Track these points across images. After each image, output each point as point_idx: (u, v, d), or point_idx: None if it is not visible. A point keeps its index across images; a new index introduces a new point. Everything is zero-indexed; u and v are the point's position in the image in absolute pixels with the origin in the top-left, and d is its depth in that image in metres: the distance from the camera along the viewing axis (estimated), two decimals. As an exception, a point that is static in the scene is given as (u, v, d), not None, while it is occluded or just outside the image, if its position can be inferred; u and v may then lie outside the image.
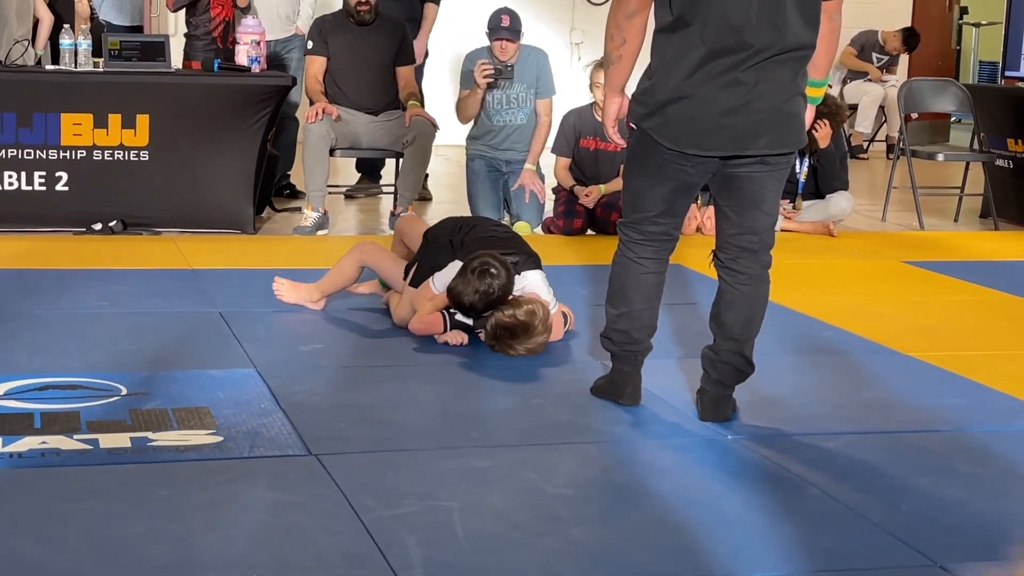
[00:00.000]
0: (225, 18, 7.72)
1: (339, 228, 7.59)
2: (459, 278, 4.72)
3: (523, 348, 4.70)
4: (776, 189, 3.97)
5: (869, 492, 3.55)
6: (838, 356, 4.99)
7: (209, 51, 7.60)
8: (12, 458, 3.53)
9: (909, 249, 7.45)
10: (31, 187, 6.87)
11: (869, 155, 12.32)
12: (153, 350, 4.65)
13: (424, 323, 4.88)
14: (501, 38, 7.38)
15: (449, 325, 4.86)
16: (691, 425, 4.06)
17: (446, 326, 4.86)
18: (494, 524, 3.23)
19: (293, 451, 3.68)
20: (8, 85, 6.82)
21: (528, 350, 4.71)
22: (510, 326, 4.69)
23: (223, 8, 7.69)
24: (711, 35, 3.75)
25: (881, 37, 12.13)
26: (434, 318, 4.86)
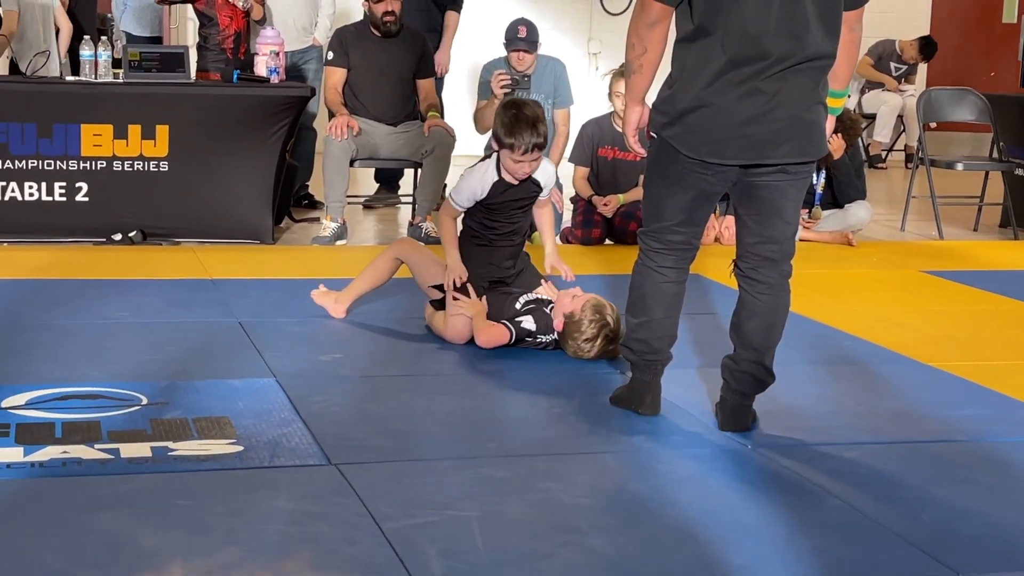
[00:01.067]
0: (236, 30, 7.75)
1: (357, 238, 7.61)
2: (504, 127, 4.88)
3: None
4: (796, 198, 3.96)
5: (889, 502, 3.54)
6: (858, 366, 4.99)
7: (219, 62, 7.64)
8: (34, 467, 3.54)
9: (928, 259, 7.43)
10: (51, 197, 6.90)
11: (888, 164, 12.31)
12: (173, 360, 4.67)
13: (489, 336, 4.91)
14: (518, 49, 7.39)
15: (515, 335, 4.88)
16: (711, 435, 4.06)
17: (511, 335, 4.88)
18: (513, 534, 3.23)
19: (313, 461, 3.69)
20: (29, 96, 6.86)
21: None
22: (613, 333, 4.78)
23: (232, 20, 7.72)
24: (731, 44, 3.75)
25: (898, 46, 12.12)
26: (499, 331, 4.89)
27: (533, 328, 4.89)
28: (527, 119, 4.88)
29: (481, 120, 7.58)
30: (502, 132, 4.91)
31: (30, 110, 6.82)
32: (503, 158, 4.97)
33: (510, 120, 4.89)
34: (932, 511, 3.49)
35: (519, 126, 4.88)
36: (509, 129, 4.89)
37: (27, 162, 6.85)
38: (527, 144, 4.88)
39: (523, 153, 4.90)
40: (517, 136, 4.87)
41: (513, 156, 4.92)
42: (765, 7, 3.73)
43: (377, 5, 7.46)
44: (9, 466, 3.54)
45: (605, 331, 4.78)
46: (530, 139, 4.88)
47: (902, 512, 3.47)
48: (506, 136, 4.89)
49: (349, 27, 7.84)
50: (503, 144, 4.92)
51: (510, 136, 4.89)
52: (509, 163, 4.96)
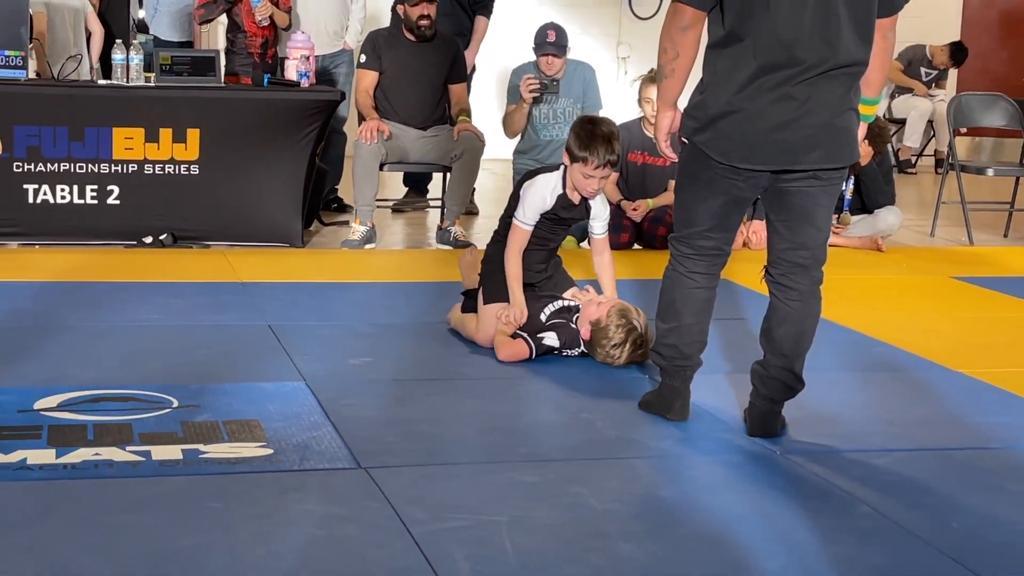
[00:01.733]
0: (264, 36, 7.80)
1: (386, 242, 7.62)
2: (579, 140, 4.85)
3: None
4: (828, 204, 3.96)
5: (919, 509, 3.53)
6: (887, 372, 4.97)
7: (246, 66, 7.68)
8: (66, 469, 3.56)
9: (958, 265, 7.40)
10: (83, 200, 6.94)
11: (917, 170, 12.26)
12: (203, 362, 4.69)
13: (510, 352, 4.90)
14: (547, 53, 7.40)
15: (535, 351, 4.87)
16: (740, 441, 4.05)
17: (531, 352, 4.88)
18: (542, 539, 3.23)
19: (343, 464, 3.70)
20: (61, 100, 6.90)
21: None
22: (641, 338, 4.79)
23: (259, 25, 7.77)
24: (763, 50, 3.75)
25: (929, 51, 12.08)
26: (519, 348, 4.89)
27: (556, 345, 4.89)
28: (603, 135, 4.84)
29: (510, 124, 7.60)
30: (576, 145, 4.85)
31: (62, 114, 6.86)
32: (572, 173, 4.92)
33: (586, 134, 4.85)
34: (962, 518, 3.48)
35: (595, 141, 4.83)
36: (584, 143, 4.84)
37: (59, 165, 6.89)
38: (601, 159, 4.84)
39: (596, 168, 4.85)
40: (592, 150, 4.83)
41: (585, 170, 4.86)
42: (798, 13, 3.73)
43: (413, 9, 7.43)
44: (41, 467, 3.56)
45: (633, 336, 4.79)
46: (605, 154, 4.83)
47: (932, 519, 3.46)
48: (580, 149, 4.84)
49: (382, 30, 7.84)
50: (576, 157, 4.86)
51: (584, 149, 4.84)
52: (579, 177, 4.90)
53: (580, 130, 4.89)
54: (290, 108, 7.07)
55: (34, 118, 6.82)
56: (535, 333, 4.90)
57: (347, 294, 5.99)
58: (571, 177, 4.95)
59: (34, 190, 6.87)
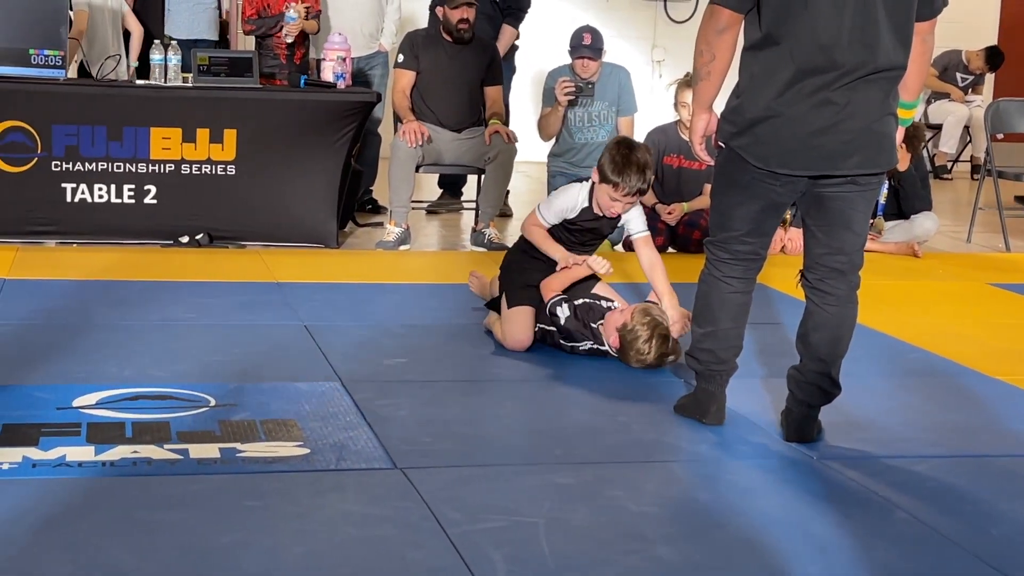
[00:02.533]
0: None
1: (420, 243, 7.64)
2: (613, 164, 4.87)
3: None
4: (866, 210, 3.94)
5: (957, 516, 3.52)
6: (924, 378, 4.95)
7: (272, 67, 7.73)
8: (104, 466, 3.58)
9: (995, 271, 7.36)
10: (120, 200, 6.98)
11: (953, 175, 12.21)
12: (240, 362, 4.71)
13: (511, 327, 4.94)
14: (583, 56, 7.40)
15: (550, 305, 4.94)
16: (776, 446, 4.04)
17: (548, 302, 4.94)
18: (579, 541, 3.23)
19: (379, 464, 3.71)
20: (99, 99, 6.94)
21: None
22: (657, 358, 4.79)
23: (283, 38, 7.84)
24: (801, 54, 3.73)
25: (965, 57, 12.02)
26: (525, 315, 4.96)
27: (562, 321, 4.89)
28: (638, 163, 4.86)
29: (545, 127, 7.60)
30: (609, 168, 4.87)
31: (101, 113, 6.90)
32: (599, 192, 4.95)
33: (622, 159, 4.86)
34: (1001, 526, 3.46)
35: (629, 168, 4.85)
36: (619, 168, 4.86)
37: (97, 164, 6.93)
38: (631, 187, 4.87)
39: (624, 194, 4.88)
40: (624, 176, 4.85)
41: (613, 193, 4.89)
42: (836, 16, 3.71)
43: (453, 12, 7.43)
44: (81, 465, 3.58)
45: (659, 329, 4.76)
46: (635, 183, 4.86)
47: (970, 526, 3.44)
48: (612, 173, 4.86)
49: (420, 31, 7.84)
50: (606, 179, 4.88)
51: (617, 175, 4.86)
52: (605, 198, 4.93)
53: (616, 154, 4.89)
54: (326, 109, 7.09)
55: (73, 117, 6.86)
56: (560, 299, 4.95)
57: (382, 295, 6.01)
58: (597, 195, 4.97)
59: (72, 189, 6.92)
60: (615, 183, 4.87)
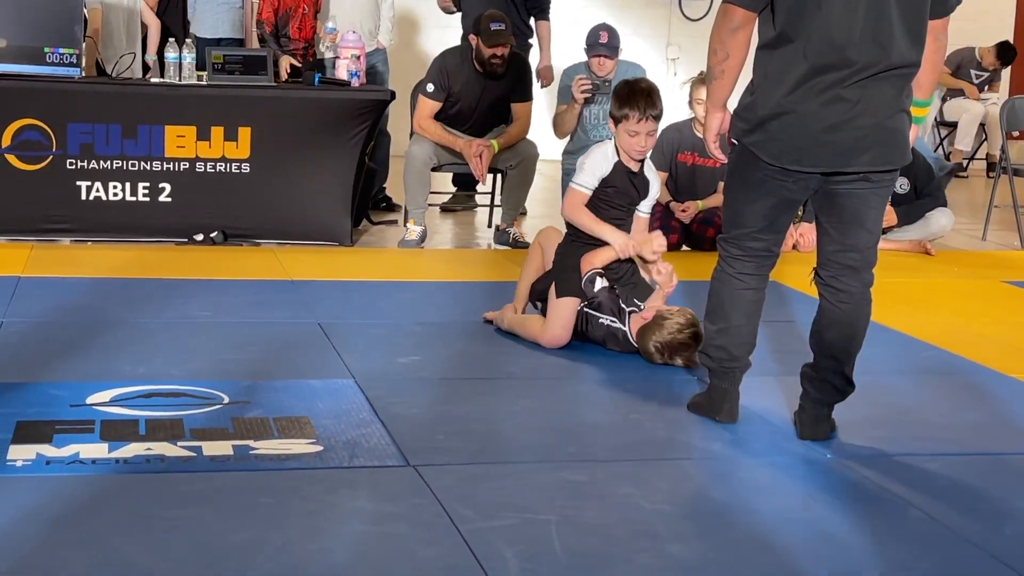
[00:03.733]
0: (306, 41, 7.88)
1: (435, 242, 7.64)
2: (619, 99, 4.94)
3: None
4: (879, 207, 3.93)
5: (971, 514, 3.51)
6: (938, 376, 4.94)
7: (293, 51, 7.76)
8: (118, 464, 3.59)
9: (1010, 269, 7.34)
10: (135, 198, 6.99)
11: (969, 173, 12.17)
12: (254, 359, 4.72)
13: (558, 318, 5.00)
14: (599, 54, 7.40)
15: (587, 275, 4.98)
16: (790, 443, 4.03)
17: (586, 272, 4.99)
18: (591, 539, 3.23)
19: (392, 462, 3.71)
20: (114, 97, 6.95)
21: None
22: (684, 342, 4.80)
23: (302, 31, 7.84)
24: (814, 51, 3.73)
25: (978, 53, 11.98)
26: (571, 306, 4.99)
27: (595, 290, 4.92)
28: (642, 89, 4.92)
29: (560, 125, 7.60)
30: (616, 105, 4.92)
31: (116, 111, 6.91)
32: (620, 136, 4.96)
33: (626, 92, 4.92)
34: (1015, 524, 3.45)
35: (634, 95, 4.89)
36: (624, 99, 4.90)
37: (112, 162, 6.94)
38: (643, 111, 4.88)
39: (639, 122, 4.88)
40: (632, 104, 4.88)
41: (629, 126, 4.89)
42: (850, 14, 3.70)
43: (488, 49, 7.16)
44: (94, 462, 3.59)
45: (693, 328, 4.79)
46: (646, 107, 4.88)
47: (984, 524, 3.43)
48: (620, 107, 4.90)
49: (452, 56, 7.46)
50: (618, 117, 4.92)
51: (625, 106, 4.89)
52: (625, 138, 4.93)
53: (620, 90, 4.96)
54: (341, 107, 7.10)
55: (88, 116, 6.88)
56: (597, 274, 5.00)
57: (396, 293, 6.01)
58: (620, 142, 4.98)
59: (87, 187, 6.93)
60: (626, 115, 4.89)
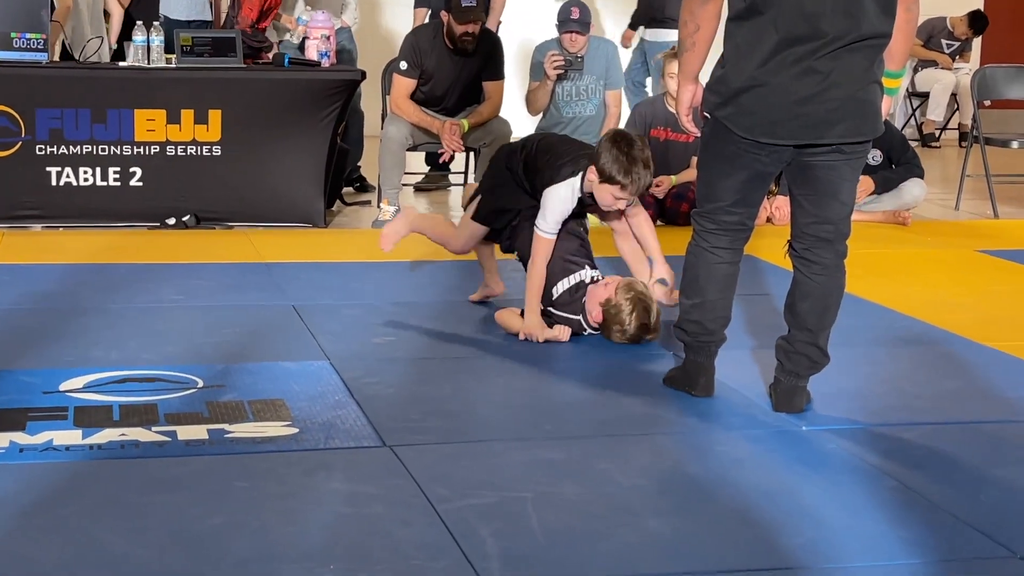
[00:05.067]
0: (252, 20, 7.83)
1: (409, 221, 7.60)
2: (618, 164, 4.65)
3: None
4: (852, 178, 3.93)
5: (947, 483, 3.52)
6: (913, 346, 4.95)
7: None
8: (92, 450, 3.57)
9: (983, 238, 7.36)
10: (106, 183, 6.95)
11: (942, 143, 12.20)
12: (228, 343, 4.70)
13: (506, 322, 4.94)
14: (571, 30, 7.38)
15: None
16: (765, 416, 4.04)
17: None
18: (569, 516, 3.23)
19: (368, 443, 3.70)
20: (82, 82, 6.90)
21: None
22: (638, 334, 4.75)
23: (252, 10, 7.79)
24: (785, 23, 3.72)
25: (949, 23, 11.99)
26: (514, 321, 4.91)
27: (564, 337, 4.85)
28: (643, 159, 4.66)
29: (533, 102, 7.58)
30: (614, 169, 4.63)
31: (84, 96, 6.87)
32: (600, 190, 4.72)
33: (626, 159, 4.63)
34: (990, 491, 3.47)
35: (635, 166, 4.64)
36: (625, 168, 4.64)
37: (81, 147, 6.90)
38: (641, 185, 4.70)
39: (632, 193, 4.72)
40: (633, 176, 4.65)
41: (619, 193, 4.70)
42: None
43: (459, 26, 7.17)
44: (68, 448, 3.57)
45: (641, 304, 4.71)
46: (644, 180, 4.69)
47: (960, 493, 3.45)
48: (620, 174, 4.64)
49: (423, 33, 7.50)
50: (612, 180, 4.65)
51: (625, 176, 4.64)
52: (607, 196, 4.72)
53: (618, 153, 4.65)
54: (312, 88, 7.07)
55: (56, 101, 6.83)
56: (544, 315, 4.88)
57: (370, 273, 5.99)
58: (597, 193, 4.75)
59: (57, 173, 6.89)
60: (623, 184, 4.66)
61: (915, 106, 12.35)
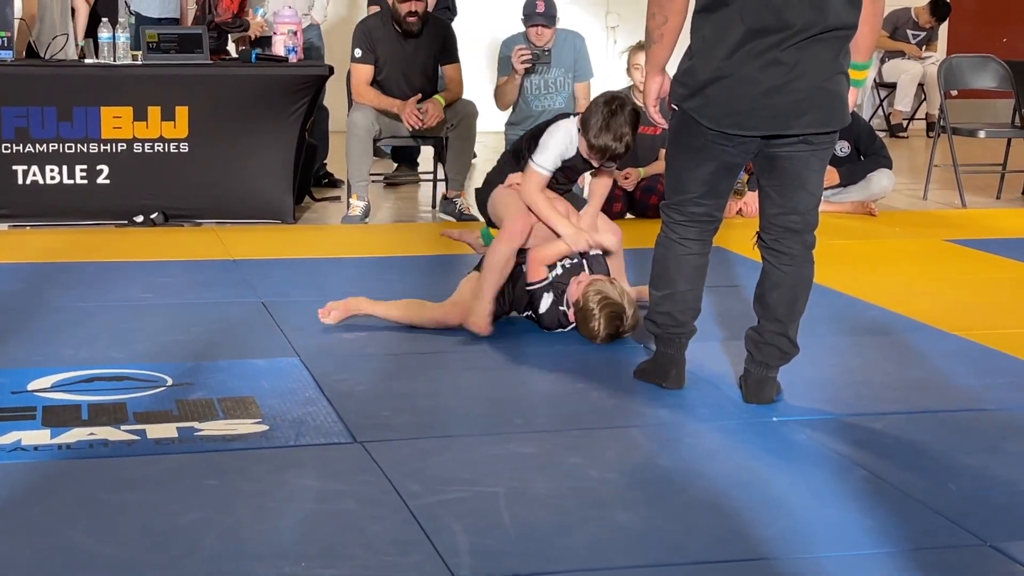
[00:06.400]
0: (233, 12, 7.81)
1: (378, 217, 7.59)
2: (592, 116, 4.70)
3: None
4: (820, 169, 3.95)
5: (916, 472, 3.53)
6: (882, 336, 4.97)
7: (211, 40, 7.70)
8: (61, 449, 3.55)
9: (951, 228, 7.40)
10: (73, 180, 6.92)
11: (909, 133, 12.24)
12: (197, 340, 4.68)
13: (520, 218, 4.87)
14: (537, 24, 7.37)
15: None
16: (736, 408, 4.05)
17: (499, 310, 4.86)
18: (540, 510, 3.23)
19: (338, 439, 3.69)
20: (48, 79, 6.87)
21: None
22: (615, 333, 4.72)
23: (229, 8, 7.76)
24: (751, 14, 3.73)
25: (914, 13, 12.03)
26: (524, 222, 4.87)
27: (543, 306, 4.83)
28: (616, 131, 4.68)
29: (502, 96, 7.57)
30: (590, 123, 4.70)
31: (50, 94, 6.83)
32: (580, 139, 4.81)
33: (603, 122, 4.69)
34: (959, 480, 3.48)
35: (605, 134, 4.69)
36: (597, 130, 4.69)
37: (48, 145, 6.86)
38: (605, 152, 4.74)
39: (597, 158, 4.79)
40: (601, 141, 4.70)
41: (587, 152, 4.79)
42: None
43: (402, 4, 7.28)
44: (36, 448, 3.55)
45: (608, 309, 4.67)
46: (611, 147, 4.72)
47: (929, 481, 3.46)
48: (591, 132, 4.71)
49: (372, 20, 7.66)
50: (585, 132, 4.74)
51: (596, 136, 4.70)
52: (583, 147, 4.81)
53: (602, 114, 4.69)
54: (279, 84, 7.05)
55: (22, 99, 6.80)
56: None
57: (340, 269, 5.98)
58: (580, 146, 4.86)
59: (23, 171, 6.85)
60: (591, 144, 4.75)
61: (882, 96, 12.39)
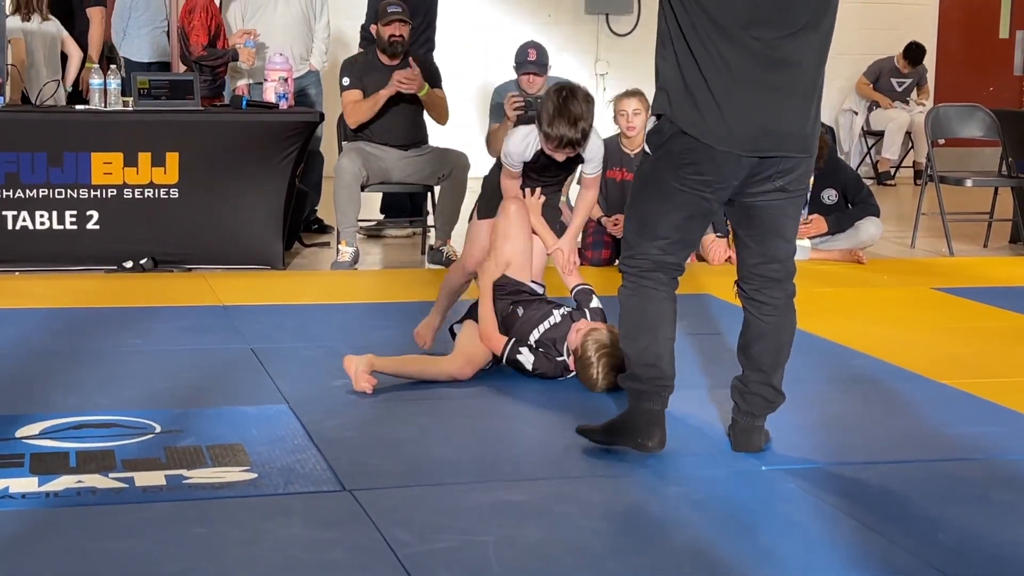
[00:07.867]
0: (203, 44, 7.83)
1: (367, 263, 7.60)
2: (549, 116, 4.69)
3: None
4: (795, 215, 3.97)
5: (904, 521, 3.54)
6: (869, 384, 4.98)
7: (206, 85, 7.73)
8: (48, 497, 3.54)
9: (938, 276, 7.42)
10: (62, 226, 6.92)
11: (896, 181, 12.30)
12: (186, 387, 4.67)
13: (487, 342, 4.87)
14: (528, 72, 7.42)
15: (505, 358, 4.84)
16: (724, 456, 4.05)
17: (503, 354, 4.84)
18: (529, 558, 3.23)
19: (327, 487, 3.69)
20: (39, 125, 6.89)
21: None
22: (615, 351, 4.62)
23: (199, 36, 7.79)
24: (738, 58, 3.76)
25: (896, 61, 12.09)
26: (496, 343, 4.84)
27: (528, 367, 4.83)
28: (570, 114, 4.68)
29: (493, 143, 7.59)
30: (543, 116, 4.71)
31: (40, 139, 6.85)
32: (541, 139, 4.82)
33: (554, 109, 4.69)
34: (948, 530, 3.49)
35: (558, 121, 4.68)
36: (550, 118, 4.69)
37: (38, 191, 6.87)
38: (560, 139, 4.73)
39: (554, 147, 4.79)
40: (554, 128, 4.70)
41: (546, 144, 4.81)
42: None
43: (385, 28, 7.49)
44: (24, 496, 3.54)
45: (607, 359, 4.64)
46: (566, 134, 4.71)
47: (917, 531, 3.46)
48: (544, 123, 4.72)
49: (357, 56, 7.89)
50: (540, 126, 4.75)
51: (549, 125, 4.70)
52: (544, 143, 4.82)
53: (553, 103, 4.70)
54: (269, 130, 7.07)
55: (12, 144, 6.81)
56: (515, 346, 4.86)
57: (329, 316, 5.98)
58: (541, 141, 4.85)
59: (13, 216, 6.86)
60: (546, 134, 4.74)
61: (870, 145, 12.46)
